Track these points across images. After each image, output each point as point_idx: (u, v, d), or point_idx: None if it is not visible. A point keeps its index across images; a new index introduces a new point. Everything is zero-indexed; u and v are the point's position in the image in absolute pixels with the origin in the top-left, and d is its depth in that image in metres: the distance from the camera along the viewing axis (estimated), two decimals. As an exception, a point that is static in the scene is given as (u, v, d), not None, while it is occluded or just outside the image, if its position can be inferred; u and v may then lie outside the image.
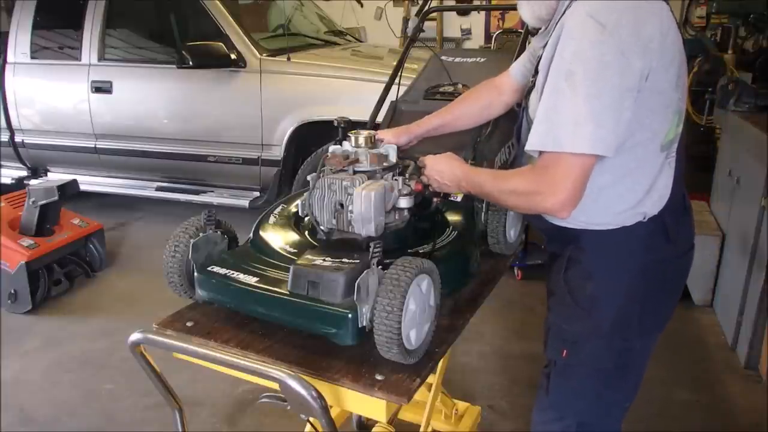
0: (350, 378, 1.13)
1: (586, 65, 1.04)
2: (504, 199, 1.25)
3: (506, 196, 1.23)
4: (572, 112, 1.06)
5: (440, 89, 1.88)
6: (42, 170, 4.52)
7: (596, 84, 1.04)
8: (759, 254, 2.52)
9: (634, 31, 1.04)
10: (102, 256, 3.66)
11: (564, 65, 1.07)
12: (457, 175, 1.33)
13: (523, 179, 1.17)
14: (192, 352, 1.20)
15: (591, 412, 1.36)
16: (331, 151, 1.40)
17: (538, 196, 1.13)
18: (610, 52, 1.03)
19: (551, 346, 1.36)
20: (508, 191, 1.21)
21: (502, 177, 1.25)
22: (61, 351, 2.83)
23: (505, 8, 5.74)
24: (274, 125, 3.66)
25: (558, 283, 1.31)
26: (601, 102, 1.04)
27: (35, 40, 4.27)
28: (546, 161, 1.11)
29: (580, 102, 1.05)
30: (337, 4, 5.76)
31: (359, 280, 1.09)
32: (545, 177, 1.11)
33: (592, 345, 1.28)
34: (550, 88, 1.10)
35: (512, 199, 1.22)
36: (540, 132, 1.11)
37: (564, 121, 1.07)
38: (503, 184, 1.22)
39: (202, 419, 2.34)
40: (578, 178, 1.09)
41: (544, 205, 1.13)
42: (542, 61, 1.17)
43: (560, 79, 1.08)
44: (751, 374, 2.55)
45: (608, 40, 1.03)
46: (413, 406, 1.80)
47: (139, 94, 4.04)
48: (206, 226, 1.36)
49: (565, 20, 1.09)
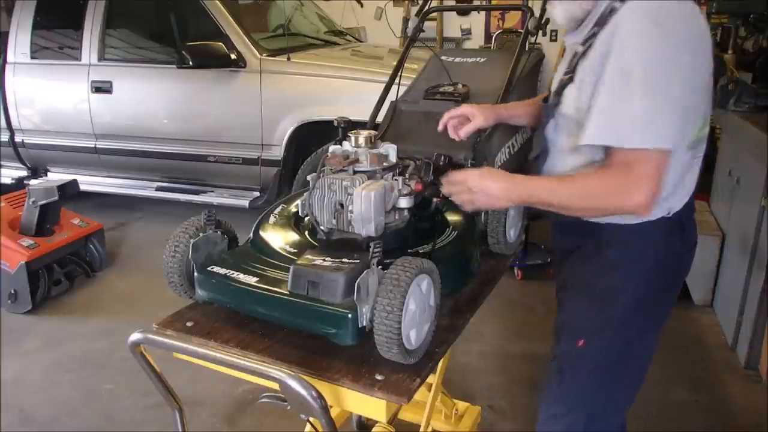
0: (350, 378, 1.13)
1: (653, 63, 1.09)
2: (573, 204, 1.21)
3: (577, 200, 1.20)
4: (646, 108, 1.09)
5: (440, 89, 1.87)
6: (42, 170, 4.52)
7: (664, 81, 1.09)
8: (759, 254, 2.52)
9: (687, 29, 1.11)
10: (102, 256, 3.66)
11: (627, 64, 1.10)
12: (508, 186, 1.25)
13: (600, 180, 1.17)
14: (192, 352, 1.20)
15: (600, 404, 1.38)
16: (331, 151, 1.40)
17: (621, 195, 1.13)
18: (671, 51, 1.09)
19: (565, 338, 1.38)
20: (580, 195, 1.19)
21: (567, 181, 1.23)
22: (61, 351, 2.83)
23: (505, 8, 5.73)
24: (274, 125, 3.66)
25: (574, 276, 1.34)
26: (669, 98, 1.09)
27: (35, 40, 4.27)
28: (627, 159, 1.12)
29: (656, 100, 1.09)
30: (337, 4, 5.76)
31: (359, 280, 1.09)
32: (630, 175, 1.12)
33: (609, 336, 1.32)
34: (613, 87, 1.12)
35: (585, 202, 1.20)
36: (606, 127, 1.13)
37: (638, 117, 1.10)
38: (571, 189, 1.20)
39: (202, 419, 2.34)
40: (660, 174, 1.12)
41: (628, 203, 1.14)
42: (586, 60, 1.20)
43: (625, 78, 1.10)
44: (751, 374, 2.55)
45: (667, 39, 1.09)
46: (413, 406, 1.80)
47: (139, 94, 4.04)
48: (206, 226, 1.36)
49: (619, 21, 1.13)
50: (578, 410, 1.37)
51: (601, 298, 1.31)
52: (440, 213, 1.54)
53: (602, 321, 1.32)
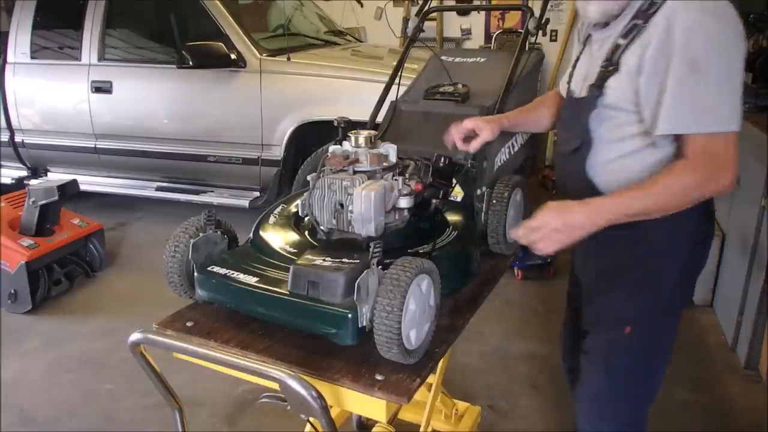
0: (350, 378, 1.13)
1: (718, 52, 1.16)
2: (660, 205, 1.23)
3: (672, 198, 1.23)
4: (717, 95, 1.17)
5: (440, 89, 1.87)
6: (42, 170, 4.52)
7: (728, 68, 1.17)
8: (759, 254, 2.52)
9: (735, 19, 1.18)
10: (102, 256, 3.66)
11: (695, 55, 1.16)
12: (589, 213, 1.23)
13: (690, 172, 1.20)
14: (192, 352, 1.20)
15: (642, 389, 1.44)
16: (331, 151, 1.40)
17: (712, 181, 1.20)
18: (730, 39, 1.17)
19: (609, 327, 1.42)
20: (666, 194, 1.22)
21: (647, 186, 1.23)
22: (61, 351, 2.83)
23: (505, 8, 5.73)
24: (274, 125, 3.66)
25: (614, 262, 1.38)
26: (734, 84, 1.18)
27: (35, 40, 4.27)
28: (706, 145, 1.18)
29: (723, 85, 1.17)
30: (337, 4, 5.76)
31: (359, 280, 1.09)
32: (715, 160, 1.19)
33: (654, 321, 1.38)
34: (683, 78, 1.17)
35: (673, 200, 1.23)
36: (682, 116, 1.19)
37: (711, 104, 1.17)
38: (655, 192, 1.22)
39: (202, 419, 2.34)
40: (737, 153, 1.20)
41: (717, 187, 1.21)
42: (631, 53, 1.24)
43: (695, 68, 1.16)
44: (751, 374, 2.55)
45: (726, 28, 1.17)
46: (413, 406, 1.80)
47: (139, 94, 4.04)
48: (206, 226, 1.36)
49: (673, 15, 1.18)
50: (625, 397, 1.44)
51: (644, 284, 1.36)
52: (440, 213, 1.54)
53: (647, 306, 1.37)
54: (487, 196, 1.58)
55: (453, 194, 1.54)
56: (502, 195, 1.57)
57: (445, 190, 1.46)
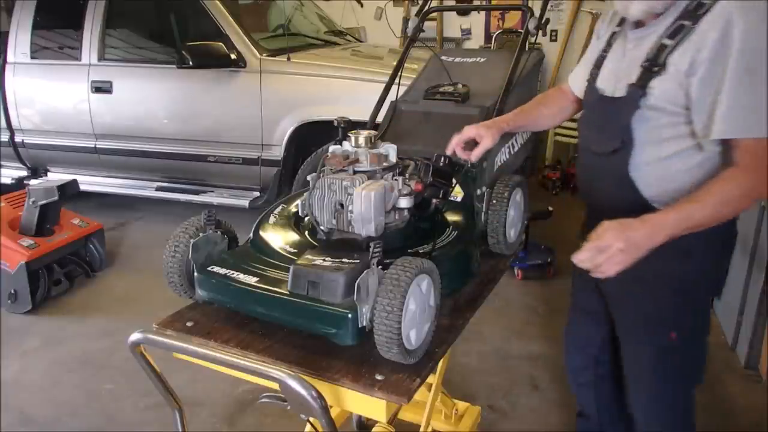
0: (350, 378, 1.13)
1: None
2: (725, 211, 1.24)
3: (729, 206, 1.23)
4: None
5: (440, 89, 1.87)
6: (42, 170, 4.52)
7: None
8: (759, 254, 2.52)
9: None
10: (102, 256, 3.66)
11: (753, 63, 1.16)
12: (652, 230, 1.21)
13: (745, 179, 1.20)
14: (192, 352, 1.19)
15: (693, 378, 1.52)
16: (331, 151, 1.40)
17: (764, 186, 1.21)
18: None
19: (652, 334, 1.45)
20: (729, 201, 1.22)
21: (702, 197, 1.22)
22: (61, 351, 2.83)
23: (505, 8, 5.73)
24: (274, 125, 3.66)
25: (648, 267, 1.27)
26: None
27: (35, 40, 4.26)
28: (758, 149, 1.18)
29: None
30: (337, 4, 5.76)
31: (359, 280, 1.09)
32: (766, 164, 1.18)
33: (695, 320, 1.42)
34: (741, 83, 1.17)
35: (737, 205, 1.24)
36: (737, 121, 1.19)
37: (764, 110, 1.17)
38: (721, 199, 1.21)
39: (202, 419, 2.34)
40: None
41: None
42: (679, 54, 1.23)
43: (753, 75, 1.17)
44: (751, 374, 2.56)
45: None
46: (413, 406, 1.80)
47: (139, 94, 4.04)
48: (206, 226, 1.36)
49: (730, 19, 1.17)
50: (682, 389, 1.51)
51: (678, 285, 1.38)
52: (440, 213, 1.54)
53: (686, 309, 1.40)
54: (487, 196, 1.58)
55: (453, 194, 1.54)
56: (502, 195, 1.57)
57: (445, 190, 1.46)
